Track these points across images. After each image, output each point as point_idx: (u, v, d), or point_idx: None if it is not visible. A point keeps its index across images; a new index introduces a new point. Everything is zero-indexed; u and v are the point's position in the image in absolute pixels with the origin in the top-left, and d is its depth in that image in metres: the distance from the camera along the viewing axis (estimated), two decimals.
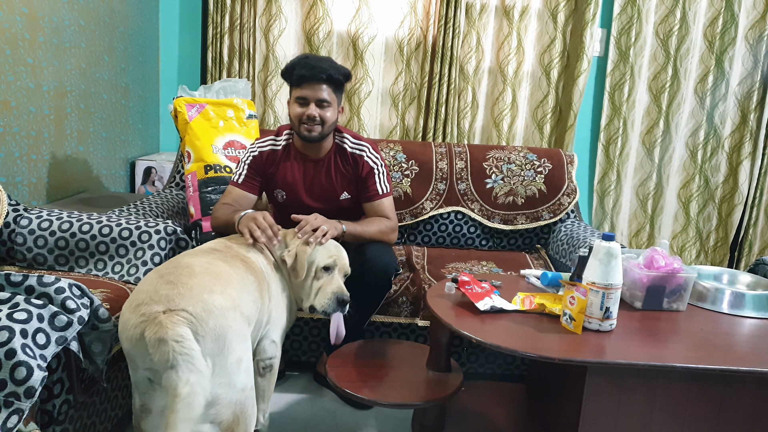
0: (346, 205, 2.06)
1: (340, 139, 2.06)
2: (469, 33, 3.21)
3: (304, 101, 1.91)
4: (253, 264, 1.57)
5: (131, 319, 1.21)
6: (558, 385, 1.70)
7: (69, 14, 2.42)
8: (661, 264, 1.70)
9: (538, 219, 2.66)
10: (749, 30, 3.31)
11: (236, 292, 1.36)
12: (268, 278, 1.60)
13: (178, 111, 2.34)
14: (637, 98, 3.36)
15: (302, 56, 1.96)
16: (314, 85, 1.90)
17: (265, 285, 1.57)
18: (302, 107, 1.91)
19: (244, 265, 1.52)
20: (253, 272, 1.52)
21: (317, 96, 1.90)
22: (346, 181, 2.04)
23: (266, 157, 2.03)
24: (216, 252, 1.54)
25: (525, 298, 1.67)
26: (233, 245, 1.62)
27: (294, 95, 1.94)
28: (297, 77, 1.91)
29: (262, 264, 1.62)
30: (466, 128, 3.30)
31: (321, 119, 1.91)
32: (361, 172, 2.02)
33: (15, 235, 1.80)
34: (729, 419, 1.44)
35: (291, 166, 2.03)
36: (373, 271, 1.87)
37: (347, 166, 2.04)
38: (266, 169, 2.03)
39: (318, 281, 1.68)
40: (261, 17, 3.16)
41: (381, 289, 1.95)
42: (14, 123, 2.13)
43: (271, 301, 1.59)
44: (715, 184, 3.48)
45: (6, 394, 1.11)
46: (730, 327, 1.64)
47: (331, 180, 2.03)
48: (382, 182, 2.04)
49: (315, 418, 1.97)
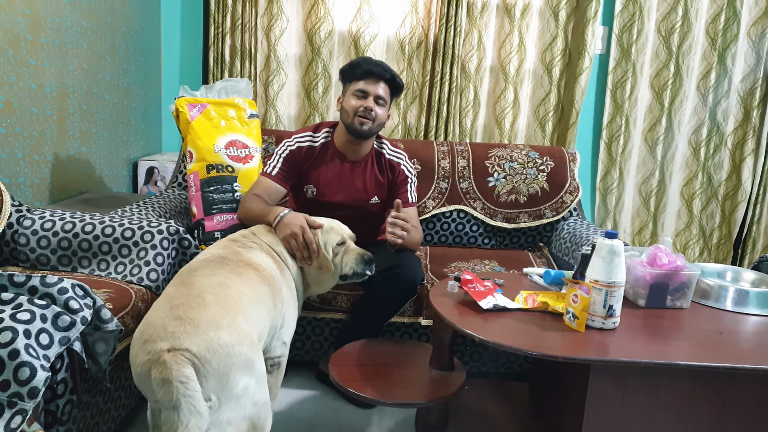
0: (373, 210, 2.12)
1: (378, 145, 2.14)
2: (471, 31, 3.21)
3: (363, 95, 1.99)
4: (264, 271, 1.56)
5: (139, 355, 1.22)
6: (561, 383, 1.70)
7: (71, 15, 2.43)
8: (665, 261, 1.70)
9: (541, 217, 2.66)
10: (751, 26, 3.30)
11: (247, 317, 1.36)
12: (279, 283, 1.60)
13: (180, 111, 2.34)
14: (639, 95, 3.36)
15: (363, 58, 2.07)
16: (376, 81, 2.00)
17: (278, 290, 1.57)
18: (360, 100, 1.99)
19: (257, 275, 1.51)
20: (266, 281, 1.52)
21: (377, 92, 2.00)
22: (379, 187, 2.11)
23: (304, 153, 2.07)
24: (226, 263, 1.51)
25: (528, 296, 1.67)
26: (241, 251, 1.61)
27: (353, 88, 2.01)
28: (363, 71, 1.99)
29: (273, 269, 1.62)
30: (468, 127, 3.29)
31: (375, 114, 1.99)
32: (396, 178, 2.11)
33: (18, 235, 1.80)
34: (733, 416, 1.44)
35: (326, 165, 2.08)
36: (402, 278, 1.92)
37: (383, 171, 2.11)
38: (302, 164, 2.07)
39: (337, 257, 1.78)
40: (262, 17, 3.16)
41: (406, 296, 2.00)
42: (17, 124, 2.14)
43: (284, 305, 1.59)
44: (718, 182, 3.47)
45: (9, 394, 1.11)
46: (734, 324, 1.63)
47: (365, 183, 2.09)
48: (412, 192, 2.14)
49: (318, 417, 1.97)
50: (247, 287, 1.44)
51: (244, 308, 1.37)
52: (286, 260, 1.71)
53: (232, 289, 1.39)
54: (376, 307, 2.00)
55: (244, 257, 1.58)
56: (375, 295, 1.99)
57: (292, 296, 1.68)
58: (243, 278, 1.46)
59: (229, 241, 1.69)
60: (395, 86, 2.04)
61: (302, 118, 3.29)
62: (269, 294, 1.51)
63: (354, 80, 2.02)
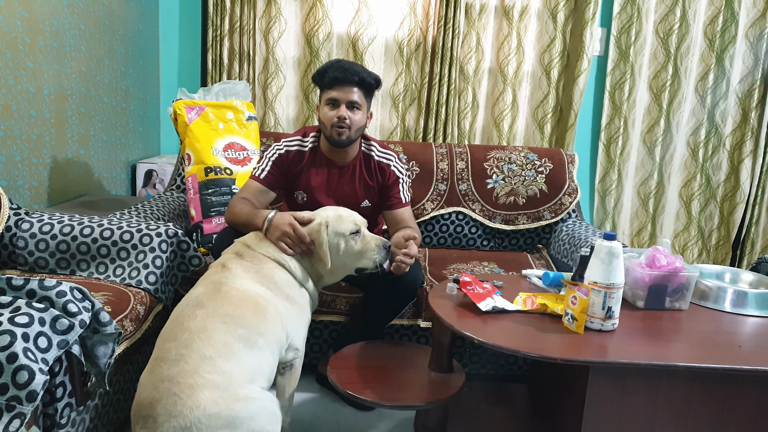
0: (364, 213, 2.03)
1: (367, 147, 2.07)
2: (469, 33, 3.21)
3: (335, 103, 1.92)
4: (258, 299, 1.54)
5: (132, 416, 1.33)
6: (560, 385, 1.70)
7: (69, 18, 2.43)
8: (663, 263, 1.70)
9: (540, 219, 2.66)
10: (749, 28, 3.30)
11: (238, 367, 1.39)
12: (274, 303, 1.57)
13: (178, 113, 2.34)
14: (638, 97, 3.36)
15: (334, 60, 1.97)
16: (346, 87, 1.91)
17: (273, 311, 1.54)
18: (333, 109, 1.92)
19: (252, 307, 1.50)
20: (259, 311, 1.50)
21: (348, 98, 1.91)
22: (369, 190, 2.05)
23: (292, 157, 2.02)
24: (219, 302, 1.48)
25: (527, 298, 1.67)
26: (229, 280, 1.56)
27: (325, 98, 1.94)
28: (330, 79, 1.91)
29: (263, 292, 1.58)
30: (467, 129, 3.29)
31: (350, 121, 1.91)
32: (387, 181, 2.04)
33: (16, 238, 1.80)
34: (732, 418, 1.44)
35: (315, 170, 2.03)
36: (403, 282, 1.90)
37: (372, 174, 2.05)
38: (291, 168, 2.02)
39: (355, 246, 1.73)
40: (261, 19, 3.16)
41: (406, 299, 1.99)
42: (15, 127, 2.14)
43: (284, 319, 1.57)
44: (716, 183, 3.48)
45: (8, 398, 1.11)
46: (732, 326, 1.63)
47: (354, 187, 2.04)
48: (405, 191, 2.07)
49: (317, 419, 1.97)
50: (230, 335, 1.42)
51: (235, 356, 1.40)
52: (287, 264, 1.68)
53: (224, 336, 1.41)
54: (377, 310, 2.00)
55: (235, 287, 1.54)
56: (375, 298, 1.99)
57: (295, 305, 1.65)
58: (227, 324, 1.44)
59: (222, 267, 1.62)
60: (368, 86, 1.95)
61: (301, 120, 3.29)
62: (264, 324, 1.49)
63: (324, 89, 1.95)
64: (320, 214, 1.76)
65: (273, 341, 1.51)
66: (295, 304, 1.66)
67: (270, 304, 1.56)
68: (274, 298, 1.59)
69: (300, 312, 1.67)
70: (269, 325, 1.51)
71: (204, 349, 1.36)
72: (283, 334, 1.56)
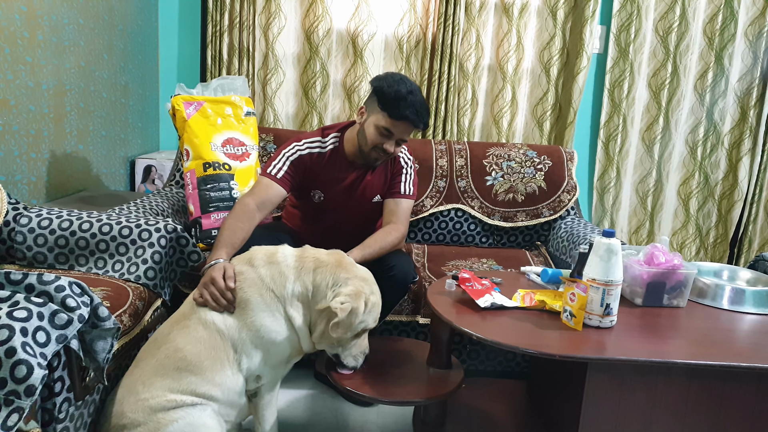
0: (373, 208, 2.05)
1: None
2: (469, 30, 3.21)
3: (389, 134, 1.87)
4: (219, 331, 1.48)
5: None
6: (559, 381, 1.70)
7: (68, 12, 2.42)
8: (662, 260, 1.70)
9: (538, 216, 2.66)
10: (749, 26, 3.30)
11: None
12: (230, 337, 1.48)
13: (176, 109, 2.33)
14: (637, 95, 3.36)
15: (409, 92, 1.83)
16: (409, 128, 1.88)
17: (227, 346, 1.48)
18: (383, 137, 1.87)
19: (205, 354, 1.45)
20: (217, 342, 1.47)
21: (403, 137, 1.90)
22: (382, 184, 2.04)
23: (313, 159, 1.98)
24: (189, 342, 1.46)
25: (525, 295, 1.67)
26: (199, 317, 1.49)
27: (384, 121, 1.85)
28: (401, 115, 1.83)
29: (219, 322, 1.49)
30: (466, 126, 3.29)
31: (391, 153, 1.91)
32: (394, 168, 2.03)
33: (15, 233, 1.80)
34: (729, 415, 1.44)
35: (335, 170, 2.00)
36: (394, 279, 1.88)
37: (386, 166, 2.04)
38: (310, 170, 1.98)
39: (356, 339, 1.56)
40: (260, 15, 3.15)
41: (398, 295, 1.97)
42: (14, 121, 2.13)
43: (239, 353, 1.49)
44: (714, 181, 3.48)
45: (6, 392, 1.10)
46: (730, 323, 1.64)
47: (371, 182, 2.02)
48: (407, 183, 2.03)
49: (316, 415, 1.97)
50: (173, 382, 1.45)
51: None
52: (284, 297, 1.52)
53: (154, 385, 1.45)
54: None
55: (202, 322, 1.49)
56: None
57: (250, 335, 1.49)
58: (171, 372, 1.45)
59: (191, 304, 1.54)
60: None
61: (300, 116, 3.29)
62: (220, 360, 1.46)
63: (389, 114, 1.84)
64: (369, 280, 1.57)
65: (218, 385, 1.46)
66: (249, 338, 1.50)
67: (227, 341, 1.48)
68: (230, 327, 1.48)
69: (250, 344, 1.50)
70: (216, 372, 1.46)
71: (141, 393, 1.43)
72: (236, 366, 1.48)
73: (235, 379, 1.49)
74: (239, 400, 1.52)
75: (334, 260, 1.56)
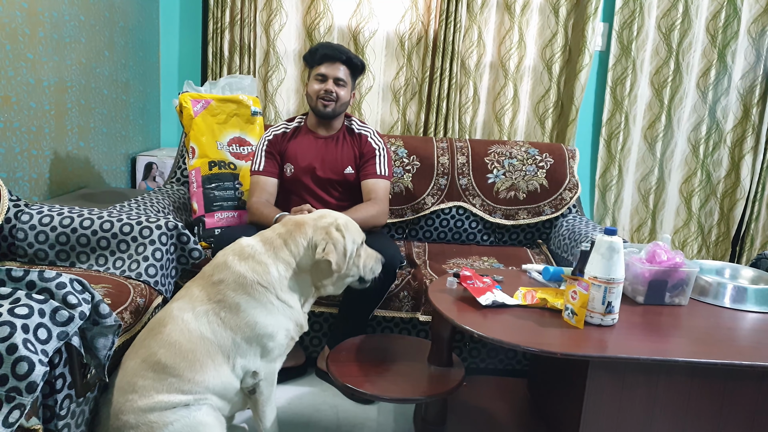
0: (351, 180, 2.21)
1: (348, 122, 2.28)
2: (471, 27, 3.20)
3: (323, 78, 2.13)
4: (203, 341, 1.46)
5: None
6: (560, 379, 1.70)
7: (69, 9, 2.42)
8: (663, 258, 1.70)
9: (540, 214, 2.65)
10: (752, 24, 3.29)
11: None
12: (219, 341, 1.47)
13: (184, 106, 2.33)
14: (639, 93, 3.35)
15: (324, 42, 2.25)
16: (334, 64, 2.13)
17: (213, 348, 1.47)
18: (321, 83, 2.13)
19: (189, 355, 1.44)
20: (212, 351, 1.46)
21: (335, 74, 2.13)
22: (351, 157, 2.21)
23: (279, 139, 2.22)
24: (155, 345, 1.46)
25: (527, 292, 1.67)
26: (184, 312, 1.49)
27: (314, 73, 2.16)
28: (320, 56, 2.13)
29: (209, 331, 1.48)
30: (468, 123, 3.29)
31: (336, 95, 2.12)
32: (363, 149, 2.21)
33: (16, 230, 1.80)
34: (731, 413, 1.44)
35: (302, 141, 2.22)
36: (383, 266, 1.85)
37: (354, 143, 2.23)
38: (279, 148, 2.21)
39: (360, 257, 1.64)
40: (261, 12, 3.15)
41: (386, 282, 1.97)
42: (15, 118, 2.13)
43: (234, 349, 1.48)
44: (717, 179, 3.47)
45: (7, 389, 1.10)
46: (732, 321, 1.63)
47: (338, 155, 2.20)
48: (382, 165, 2.19)
49: (317, 412, 1.97)
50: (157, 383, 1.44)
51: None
52: (270, 281, 1.52)
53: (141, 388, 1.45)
54: (360, 298, 1.94)
55: (188, 328, 1.47)
56: (357, 287, 1.94)
57: (240, 330, 1.48)
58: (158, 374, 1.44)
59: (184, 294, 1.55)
60: (354, 66, 2.16)
61: (301, 113, 3.27)
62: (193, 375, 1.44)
63: (314, 65, 2.16)
64: (328, 214, 1.64)
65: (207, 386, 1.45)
66: (241, 331, 1.49)
67: (214, 343, 1.47)
68: (218, 330, 1.47)
69: (243, 339, 1.49)
70: (205, 372, 1.45)
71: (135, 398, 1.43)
72: (232, 362, 1.48)
73: (227, 378, 1.48)
74: (233, 397, 1.52)
75: (291, 224, 1.60)
